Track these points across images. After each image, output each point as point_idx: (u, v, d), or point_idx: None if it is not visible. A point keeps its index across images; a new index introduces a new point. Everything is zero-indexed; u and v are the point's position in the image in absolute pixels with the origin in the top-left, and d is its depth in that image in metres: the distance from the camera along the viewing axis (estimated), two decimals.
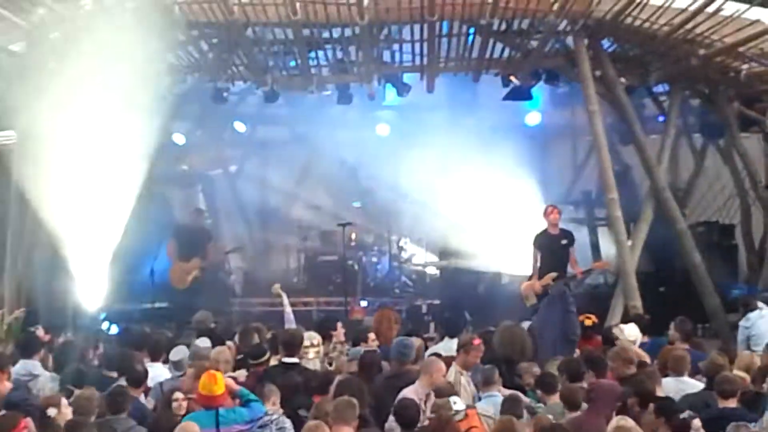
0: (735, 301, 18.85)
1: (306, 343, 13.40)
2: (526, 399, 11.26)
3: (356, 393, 10.50)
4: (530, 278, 18.52)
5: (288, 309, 15.41)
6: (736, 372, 11.75)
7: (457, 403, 10.39)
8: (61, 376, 11.90)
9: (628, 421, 9.65)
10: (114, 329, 20.20)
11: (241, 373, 12.38)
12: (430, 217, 23.84)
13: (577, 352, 14.27)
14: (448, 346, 13.87)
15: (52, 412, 10.09)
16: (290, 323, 15.02)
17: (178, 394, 10.97)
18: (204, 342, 13.57)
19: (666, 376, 11.94)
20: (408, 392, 11.17)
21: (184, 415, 10.64)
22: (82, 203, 23.61)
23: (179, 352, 12.83)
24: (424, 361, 12.36)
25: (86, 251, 23.86)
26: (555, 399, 11.26)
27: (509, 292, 19.51)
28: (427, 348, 14.29)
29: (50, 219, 21.97)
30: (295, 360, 12.64)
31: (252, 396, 10.70)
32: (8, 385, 11.89)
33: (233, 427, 10.16)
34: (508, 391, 11.45)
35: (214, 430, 10.03)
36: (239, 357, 13.74)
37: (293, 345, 12.88)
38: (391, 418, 10.53)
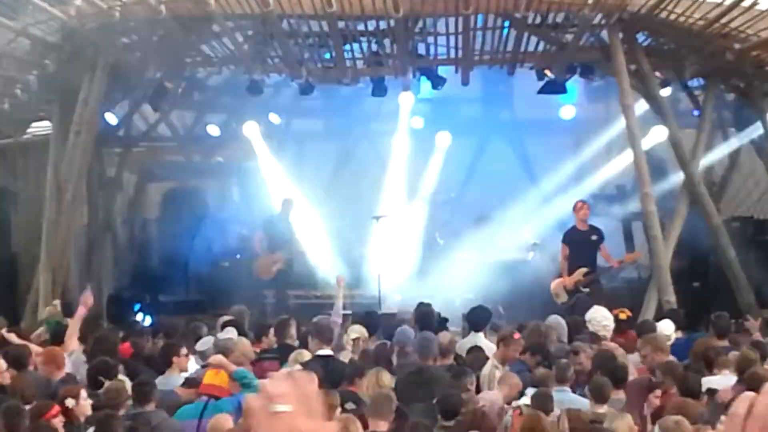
0: None
1: (354, 336, 13.41)
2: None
3: None
4: (560, 275, 18.56)
5: (340, 302, 15.20)
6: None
7: None
8: (87, 367, 11.93)
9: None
10: (148, 320, 20.34)
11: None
12: (463, 210, 23.86)
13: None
14: (473, 340, 13.93)
15: (70, 402, 10.09)
16: (338, 316, 14.87)
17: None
18: (229, 334, 13.45)
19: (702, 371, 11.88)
20: (487, 395, 11.19)
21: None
22: (118, 193, 23.91)
23: (205, 344, 12.82)
24: (504, 373, 12.15)
25: (122, 242, 24.19)
26: None
27: (544, 286, 19.48)
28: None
29: (85, 210, 22.23)
30: (328, 352, 12.53)
31: (253, 382, 10.64)
32: (62, 374, 11.99)
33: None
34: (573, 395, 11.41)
35: (196, 421, 10.04)
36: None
37: (325, 336, 12.81)
38: None
